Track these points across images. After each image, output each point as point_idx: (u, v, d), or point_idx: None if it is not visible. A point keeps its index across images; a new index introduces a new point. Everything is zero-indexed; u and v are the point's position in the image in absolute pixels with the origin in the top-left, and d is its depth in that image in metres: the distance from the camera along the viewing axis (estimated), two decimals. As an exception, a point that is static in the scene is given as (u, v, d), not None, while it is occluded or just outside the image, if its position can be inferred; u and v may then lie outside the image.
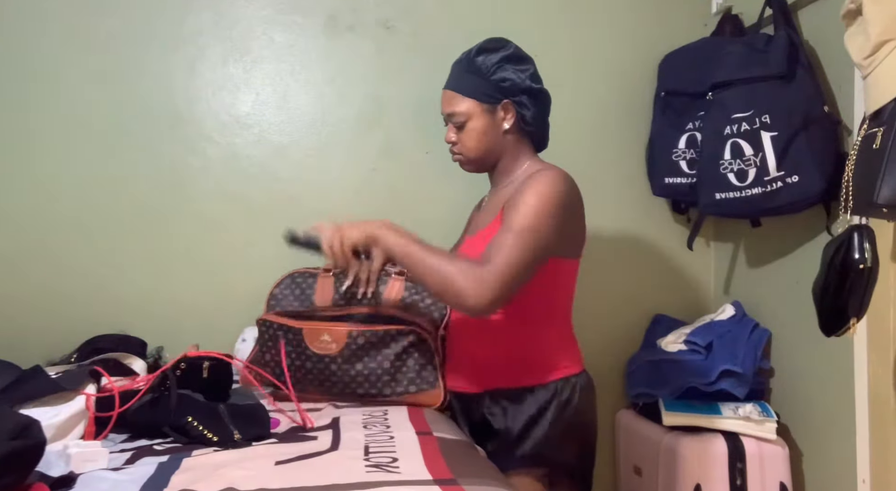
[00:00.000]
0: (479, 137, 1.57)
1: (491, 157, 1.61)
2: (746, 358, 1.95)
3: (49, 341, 1.93)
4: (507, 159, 1.61)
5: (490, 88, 1.55)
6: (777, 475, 1.88)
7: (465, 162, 1.63)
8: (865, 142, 1.43)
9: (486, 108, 1.56)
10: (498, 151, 1.60)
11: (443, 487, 1.03)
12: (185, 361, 1.37)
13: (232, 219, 2.14)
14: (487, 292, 1.34)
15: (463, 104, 1.56)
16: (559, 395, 1.54)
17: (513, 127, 1.58)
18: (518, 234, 1.39)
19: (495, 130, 1.58)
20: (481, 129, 1.56)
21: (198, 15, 2.13)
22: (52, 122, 2.07)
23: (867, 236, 1.44)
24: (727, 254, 2.28)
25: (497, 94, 1.55)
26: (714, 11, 2.27)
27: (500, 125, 1.58)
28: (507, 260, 1.36)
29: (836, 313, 1.51)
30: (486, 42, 1.58)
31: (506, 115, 1.57)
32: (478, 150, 1.59)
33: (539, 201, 1.43)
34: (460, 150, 1.60)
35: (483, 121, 1.56)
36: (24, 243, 2.05)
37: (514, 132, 1.59)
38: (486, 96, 1.55)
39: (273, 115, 2.17)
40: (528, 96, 1.57)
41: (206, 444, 1.27)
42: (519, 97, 1.56)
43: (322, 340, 1.57)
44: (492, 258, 1.37)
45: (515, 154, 1.61)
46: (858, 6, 1.44)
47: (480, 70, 1.55)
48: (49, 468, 1.11)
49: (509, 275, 1.36)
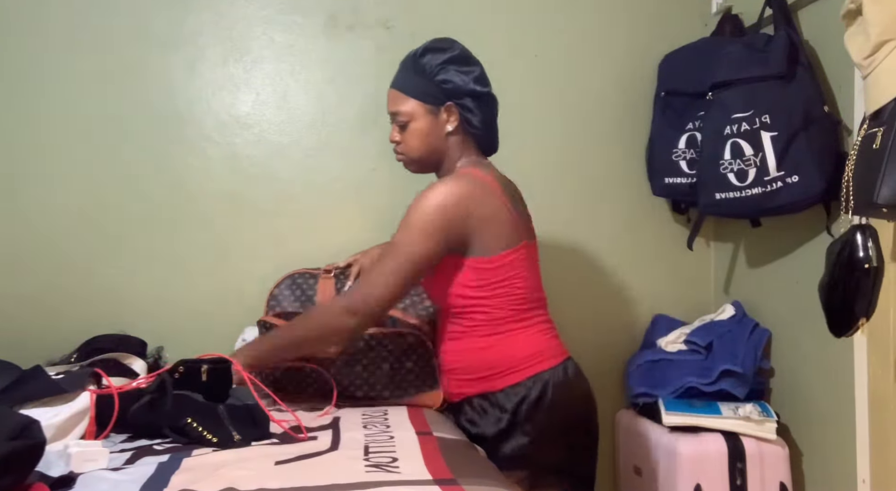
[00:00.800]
0: (422, 138, 1.57)
1: (433, 159, 1.60)
2: (746, 358, 1.95)
3: (49, 340, 1.93)
4: (450, 161, 1.60)
5: (433, 89, 1.54)
6: (777, 475, 1.88)
7: (407, 162, 1.63)
8: (865, 142, 1.43)
9: (428, 109, 1.56)
10: (440, 153, 1.60)
11: (443, 487, 1.03)
12: (183, 364, 1.37)
13: (232, 219, 2.14)
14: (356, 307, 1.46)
15: (406, 104, 1.56)
16: (529, 394, 1.51)
17: (456, 129, 1.57)
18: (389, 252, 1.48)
19: (438, 132, 1.57)
20: (424, 129, 1.56)
21: (198, 15, 2.13)
22: (52, 123, 2.07)
23: (870, 235, 1.44)
24: (727, 254, 2.28)
25: (440, 96, 1.55)
26: (714, 11, 2.26)
27: (443, 127, 1.57)
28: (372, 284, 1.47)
29: (844, 313, 1.51)
30: (433, 42, 1.57)
31: (449, 118, 1.56)
32: (419, 150, 1.58)
33: (414, 218, 1.48)
34: (403, 150, 1.61)
35: (425, 122, 1.56)
36: (24, 243, 2.05)
37: (457, 134, 1.58)
38: (428, 97, 1.55)
39: (273, 115, 2.17)
40: (472, 99, 1.56)
41: (205, 445, 1.27)
42: (462, 100, 1.55)
43: None
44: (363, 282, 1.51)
45: (457, 156, 1.60)
46: (858, 6, 1.44)
47: (424, 70, 1.54)
48: (49, 468, 1.11)
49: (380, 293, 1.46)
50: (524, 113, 2.24)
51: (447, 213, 1.46)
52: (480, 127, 1.58)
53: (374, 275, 1.48)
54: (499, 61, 2.25)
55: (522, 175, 2.24)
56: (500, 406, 1.52)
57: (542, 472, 1.51)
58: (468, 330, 1.54)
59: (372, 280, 1.48)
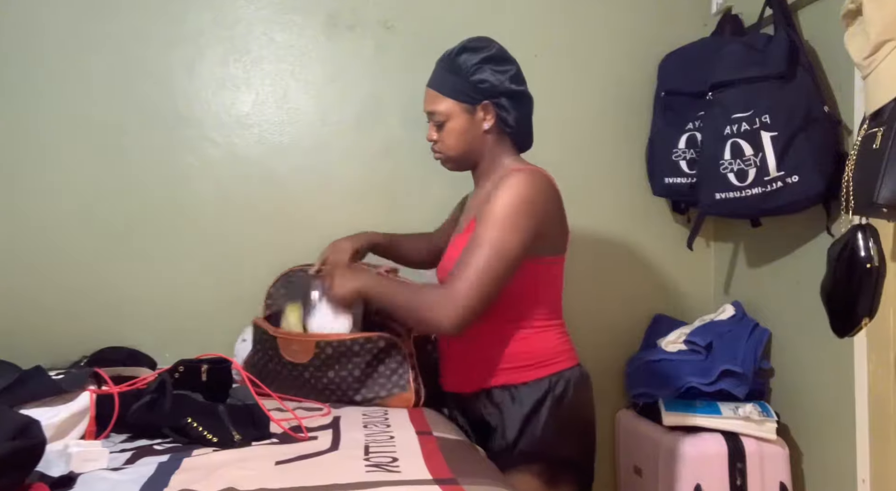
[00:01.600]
0: (459, 137, 1.57)
1: (471, 157, 1.61)
2: (746, 358, 1.95)
3: (48, 341, 1.93)
4: (488, 159, 1.61)
5: (469, 89, 1.54)
6: (777, 475, 1.88)
7: (445, 160, 1.63)
8: (865, 142, 1.43)
9: (465, 108, 1.56)
10: (478, 151, 1.60)
11: (443, 487, 1.03)
12: (182, 364, 1.37)
13: (232, 219, 2.14)
14: (452, 313, 1.41)
15: (443, 103, 1.56)
16: (553, 390, 1.54)
17: (492, 128, 1.58)
18: (482, 249, 1.43)
19: (475, 131, 1.58)
20: (460, 128, 1.57)
21: (198, 15, 2.13)
22: (52, 122, 2.07)
23: (871, 235, 1.44)
24: (727, 254, 2.28)
25: (476, 95, 1.55)
26: (714, 11, 2.27)
27: (480, 125, 1.57)
28: (471, 277, 1.42)
29: (846, 314, 1.51)
30: (469, 41, 1.57)
31: (485, 116, 1.57)
32: (457, 149, 1.59)
33: (503, 211, 1.45)
34: (440, 149, 1.61)
35: (462, 121, 1.56)
36: (24, 243, 2.05)
37: (494, 133, 1.59)
38: (465, 96, 1.55)
39: (273, 115, 2.17)
40: (507, 98, 1.56)
41: (205, 444, 1.27)
42: (498, 99, 1.56)
43: (292, 349, 1.58)
44: (457, 277, 1.43)
45: (496, 154, 1.61)
46: (858, 6, 1.44)
47: (460, 70, 1.54)
48: (49, 468, 1.11)
49: (475, 291, 1.41)
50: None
51: (532, 206, 1.47)
52: (516, 125, 1.59)
53: (466, 274, 1.43)
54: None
55: (522, 175, 2.25)
56: (522, 399, 1.54)
57: (560, 466, 1.54)
58: (505, 324, 1.56)
59: (465, 279, 1.43)
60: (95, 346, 1.93)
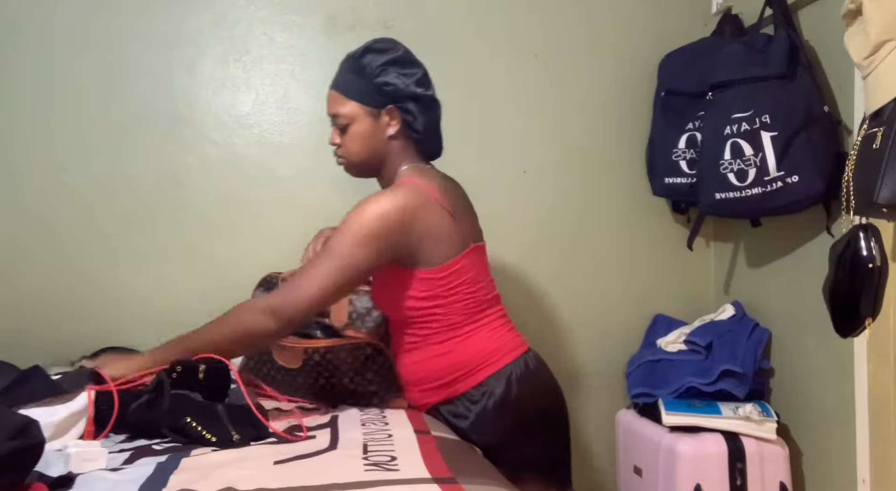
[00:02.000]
0: (362, 142, 1.52)
1: (374, 162, 1.56)
2: (746, 358, 1.95)
3: (47, 340, 1.94)
4: (390, 167, 1.56)
5: (373, 91, 1.50)
6: (777, 475, 1.88)
7: (348, 166, 1.58)
8: (865, 142, 1.43)
9: (369, 112, 1.51)
10: (381, 156, 1.55)
11: (442, 486, 1.03)
12: (180, 363, 1.37)
13: (232, 219, 2.14)
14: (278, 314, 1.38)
15: (346, 106, 1.51)
16: (492, 393, 1.49)
17: (398, 133, 1.53)
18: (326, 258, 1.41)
19: (379, 136, 1.53)
20: (364, 133, 1.52)
21: (198, 15, 2.13)
22: (52, 122, 2.07)
23: (873, 235, 1.44)
24: (727, 254, 2.28)
25: (380, 98, 1.50)
26: (714, 11, 2.26)
27: (384, 130, 1.52)
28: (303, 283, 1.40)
29: (849, 314, 1.51)
30: (374, 42, 1.52)
31: (390, 121, 1.52)
32: (360, 154, 1.54)
33: (356, 224, 1.41)
34: (343, 154, 1.56)
35: (366, 125, 1.51)
36: (23, 242, 2.05)
37: (399, 138, 1.54)
38: (369, 99, 1.50)
39: (273, 115, 2.17)
40: (414, 103, 1.51)
41: (204, 444, 1.27)
42: (404, 103, 1.51)
43: (284, 355, 1.58)
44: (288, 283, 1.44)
45: (399, 161, 1.55)
46: (858, 6, 1.44)
47: (364, 72, 1.50)
48: (48, 468, 1.11)
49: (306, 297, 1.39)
50: (524, 113, 2.24)
51: (386, 224, 1.41)
52: (422, 131, 1.54)
53: (303, 277, 1.41)
54: (499, 61, 2.26)
55: (522, 175, 2.25)
56: (463, 412, 1.50)
57: (520, 467, 1.48)
58: (423, 339, 1.52)
59: (299, 282, 1.41)
60: (95, 345, 1.93)
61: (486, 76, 2.23)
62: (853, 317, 1.50)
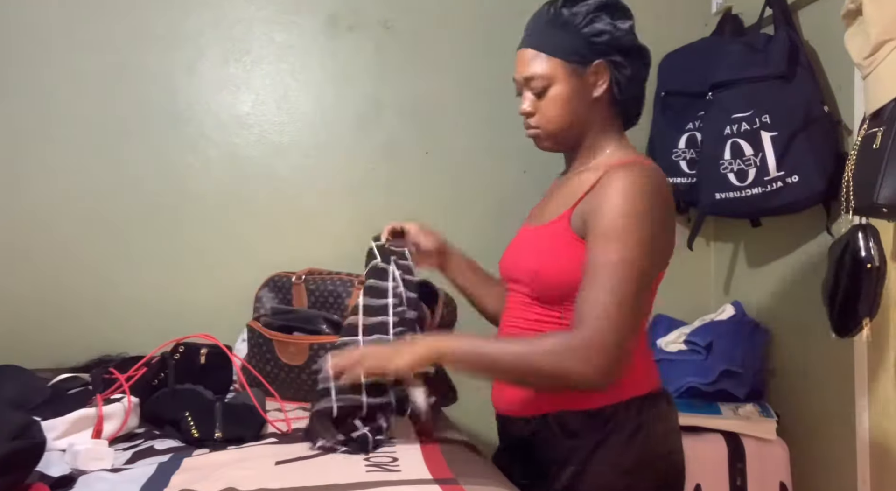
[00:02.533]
0: (563, 105, 1.28)
1: (574, 132, 1.31)
2: (746, 358, 1.95)
3: (48, 340, 1.94)
4: (591, 136, 1.32)
5: (581, 45, 1.26)
6: (777, 475, 1.88)
7: (542, 137, 1.32)
8: (865, 142, 1.43)
9: (573, 71, 1.26)
10: (583, 124, 1.30)
11: (443, 487, 1.03)
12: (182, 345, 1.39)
13: (232, 219, 2.14)
14: (598, 368, 1.12)
15: (545, 65, 1.27)
16: (628, 418, 1.25)
17: (604, 95, 1.29)
18: (609, 277, 1.15)
19: (583, 98, 1.28)
20: (566, 95, 1.27)
21: (198, 15, 2.13)
22: (52, 123, 2.06)
23: (872, 235, 1.44)
24: (727, 254, 2.28)
25: (589, 53, 1.26)
26: (714, 11, 2.26)
27: (590, 92, 1.28)
28: (607, 317, 1.13)
29: (848, 314, 1.51)
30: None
31: (596, 81, 1.28)
32: (560, 121, 1.29)
33: (623, 224, 1.17)
34: (538, 123, 1.31)
35: (569, 85, 1.27)
36: (23, 243, 2.05)
37: (603, 102, 1.30)
38: (574, 55, 1.26)
39: (273, 115, 2.17)
40: (625, 57, 1.28)
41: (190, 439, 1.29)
42: (614, 56, 1.27)
43: (289, 352, 1.58)
44: (584, 319, 1.14)
45: (601, 130, 1.32)
46: (858, 6, 1.44)
47: (569, 23, 1.26)
48: (48, 468, 1.11)
49: (615, 333, 1.13)
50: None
51: (653, 212, 1.20)
52: (630, 92, 1.31)
53: (599, 308, 1.14)
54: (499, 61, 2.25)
55: (523, 174, 2.25)
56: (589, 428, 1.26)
57: None
58: None
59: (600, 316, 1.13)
60: (94, 345, 1.92)
61: (487, 76, 2.23)
62: (851, 317, 1.51)
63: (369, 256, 1.41)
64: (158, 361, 1.45)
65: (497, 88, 2.27)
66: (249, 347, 1.71)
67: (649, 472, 1.27)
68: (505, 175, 2.25)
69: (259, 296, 1.88)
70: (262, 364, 1.64)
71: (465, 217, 2.19)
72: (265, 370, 1.63)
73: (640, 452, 1.25)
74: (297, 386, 1.59)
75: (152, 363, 1.46)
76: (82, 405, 1.30)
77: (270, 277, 1.88)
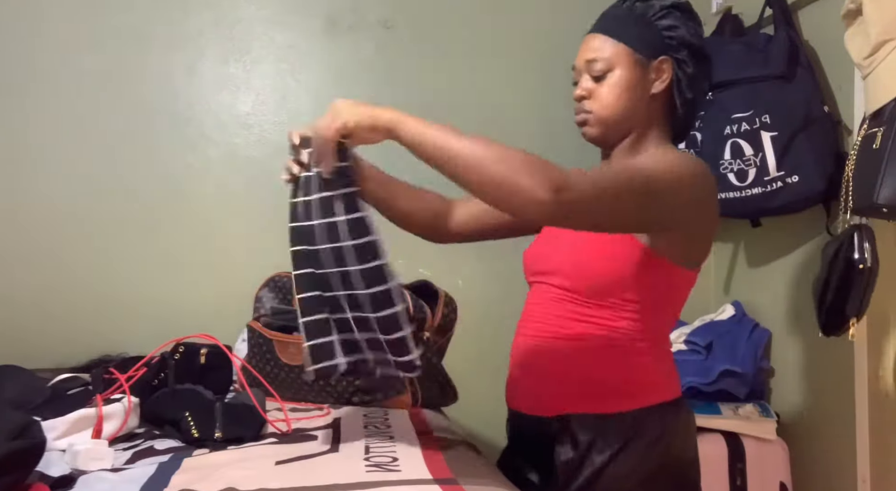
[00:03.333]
0: (622, 93, 1.23)
1: (624, 124, 1.26)
2: (746, 358, 1.95)
3: (47, 341, 1.93)
4: (637, 134, 1.27)
5: (651, 36, 1.23)
6: (777, 475, 1.88)
7: (592, 122, 1.27)
8: (865, 142, 1.43)
9: (638, 60, 1.23)
10: (635, 119, 1.26)
11: (443, 487, 1.03)
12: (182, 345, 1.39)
13: (232, 219, 2.14)
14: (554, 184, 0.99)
15: (611, 49, 1.23)
16: (649, 424, 1.23)
17: (663, 93, 1.25)
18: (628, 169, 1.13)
19: (643, 90, 1.24)
20: (626, 82, 1.23)
21: (198, 15, 2.13)
22: (51, 123, 2.06)
23: (867, 236, 1.44)
24: (727, 254, 2.28)
25: (657, 46, 1.23)
26: (714, 11, 2.26)
27: (649, 86, 1.24)
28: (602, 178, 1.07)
29: (836, 313, 1.51)
30: None
31: (659, 76, 1.24)
32: (615, 108, 1.24)
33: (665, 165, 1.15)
34: (592, 107, 1.26)
35: (631, 73, 1.23)
36: (23, 243, 2.05)
37: (660, 102, 1.26)
38: (643, 45, 1.23)
39: (273, 115, 2.17)
40: (692, 57, 1.25)
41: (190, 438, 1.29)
42: (681, 54, 1.24)
43: (289, 352, 1.58)
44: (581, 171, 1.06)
45: (650, 129, 1.27)
46: (858, 6, 1.45)
47: (643, 15, 1.24)
48: (48, 468, 1.11)
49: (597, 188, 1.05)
50: (525, 113, 2.24)
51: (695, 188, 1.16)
52: (688, 93, 1.26)
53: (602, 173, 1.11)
54: (499, 62, 2.26)
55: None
56: (610, 432, 1.23)
57: None
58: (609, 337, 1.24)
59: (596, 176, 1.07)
60: (94, 345, 1.92)
61: (487, 76, 2.23)
62: (839, 316, 1.51)
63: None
64: (158, 361, 1.45)
65: (497, 88, 2.28)
66: (249, 348, 1.71)
67: (667, 479, 1.25)
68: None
69: (259, 296, 1.88)
70: (262, 364, 1.64)
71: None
72: (265, 370, 1.63)
73: (660, 460, 1.23)
74: (297, 386, 1.59)
75: (152, 363, 1.46)
76: (82, 405, 1.30)
77: (271, 278, 1.88)
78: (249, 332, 1.70)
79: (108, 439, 1.27)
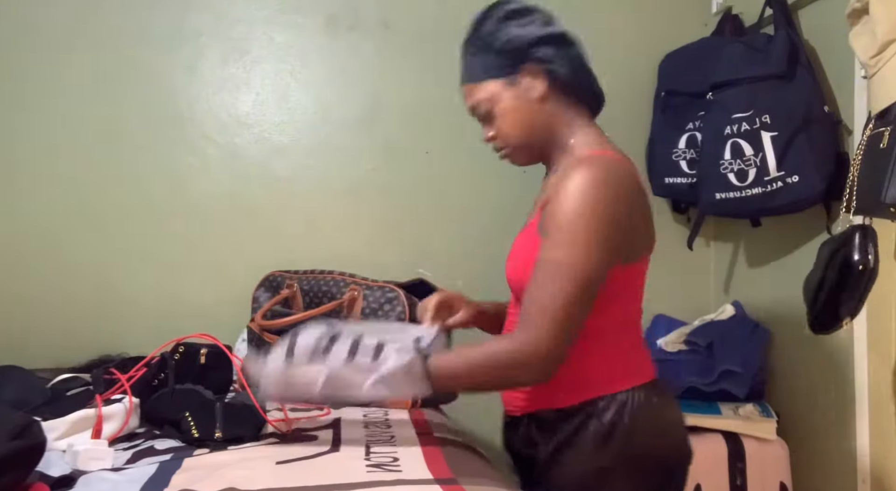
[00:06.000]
0: (513, 117, 1.28)
1: (537, 137, 1.30)
2: (746, 358, 1.95)
3: (47, 341, 1.93)
4: (558, 134, 1.31)
5: (499, 59, 1.27)
6: (777, 475, 1.88)
7: (513, 154, 1.33)
8: (872, 141, 1.43)
9: (506, 83, 1.27)
10: (543, 127, 1.30)
11: (444, 487, 1.03)
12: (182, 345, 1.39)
13: (232, 219, 2.13)
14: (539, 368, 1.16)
15: (479, 91, 1.29)
16: (596, 417, 1.23)
17: (546, 92, 1.27)
18: (553, 279, 1.16)
19: (528, 104, 1.28)
20: (511, 107, 1.27)
21: (198, 15, 2.13)
22: (51, 123, 2.06)
23: (870, 237, 1.44)
24: (727, 254, 2.28)
25: (511, 61, 1.27)
26: (714, 11, 2.27)
27: (530, 94, 1.27)
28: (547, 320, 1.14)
29: (828, 311, 1.51)
30: (478, 15, 1.31)
31: (532, 82, 1.27)
32: (517, 132, 1.29)
33: (571, 222, 1.16)
34: (503, 143, 1.31)
35: (509, 98, 1.27)
36: (23, 243, 2.05)
37: (550, 98, 1.28)
38: (498, 69, 1.27)
39: (273, 115, 2.17)
40: (546, 47, 1.27)
41: (190, 438, 1.29)
42: (535, 52, 1.26)
43: None
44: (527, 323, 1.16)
45: (565, 125, 1.30)
46: (864, 5, 1.44)
47: (483, 46, 1.28)
48: (49, 468, 1.11)
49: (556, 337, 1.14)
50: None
51: (607, 209, 1.17)
52: (570, 75, 1.28)
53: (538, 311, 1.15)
54: (499, 61, 2.25)
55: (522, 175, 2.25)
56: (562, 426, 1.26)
57: None
58: None
59: (537, 321, 1.15)
60: (94, 346, 1.92)
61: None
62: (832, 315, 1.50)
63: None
64: (158, 361, 1.45)
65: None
66: (249, 349, 1.71)
67: (630, 470, 1.24)
68: (506, 175, 2.24)
69: (256, 296, 1.88)
70: None
71: (466, 217, 2.19)
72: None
73: (618, 450, 1.23)
74: None
75: (152, 363, 1.46)
76: (82, 406, 1.30)
77: (266, 277, 1.88)
78: (249, 332, 1.70)
79: (109, 440, 1.27)
